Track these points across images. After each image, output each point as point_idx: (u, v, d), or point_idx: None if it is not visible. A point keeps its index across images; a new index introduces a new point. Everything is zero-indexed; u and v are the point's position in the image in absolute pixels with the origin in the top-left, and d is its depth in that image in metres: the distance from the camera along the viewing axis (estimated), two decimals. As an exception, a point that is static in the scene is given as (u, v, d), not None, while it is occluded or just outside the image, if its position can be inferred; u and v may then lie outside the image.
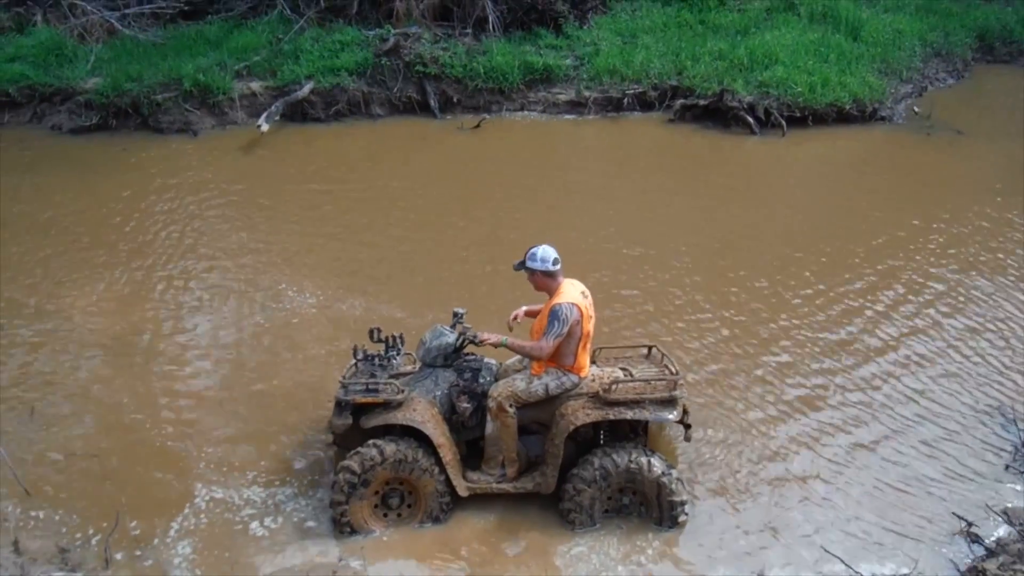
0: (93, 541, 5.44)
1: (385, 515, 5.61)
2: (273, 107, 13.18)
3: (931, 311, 8.14)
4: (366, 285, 8.61)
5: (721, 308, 8.18)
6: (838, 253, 9.22)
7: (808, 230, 9.87)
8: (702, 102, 13.48)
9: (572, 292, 5.52)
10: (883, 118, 13.60)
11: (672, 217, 10.29)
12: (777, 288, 8.52)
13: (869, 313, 8.10)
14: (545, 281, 5.56)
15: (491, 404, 5.53)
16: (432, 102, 13.84)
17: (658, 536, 5.51)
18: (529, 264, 5.52)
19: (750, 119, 13.06)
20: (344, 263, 9.11)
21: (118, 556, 5.34)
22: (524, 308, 5.93)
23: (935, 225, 9.90)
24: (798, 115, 13.23)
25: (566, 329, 5.37)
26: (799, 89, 13.29)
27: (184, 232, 9.81)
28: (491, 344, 5.56)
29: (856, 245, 9.39)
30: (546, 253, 5.50)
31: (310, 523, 5.65)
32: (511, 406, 5.51)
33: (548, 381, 5.56)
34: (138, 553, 5.38)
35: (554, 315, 5.37)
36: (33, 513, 5.68)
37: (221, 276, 8.83)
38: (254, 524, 5.65)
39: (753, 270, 8.86)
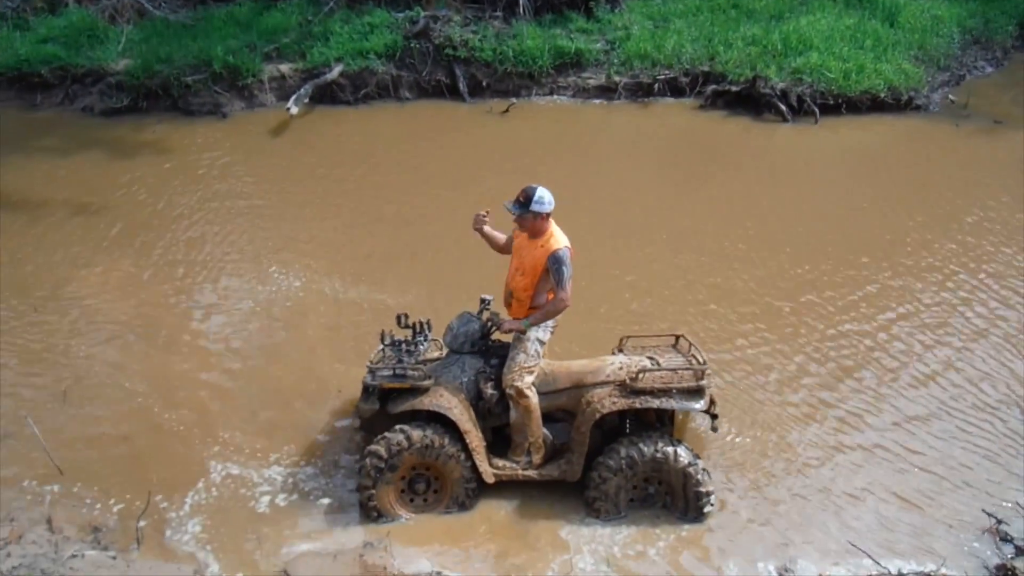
0: (124, 519, 5.51)
1: (411, 500, 5.63)
2: (302, 90, 13.20)
3: (961, 305, 8.01)
4: (387, 270, 8.64)
5: (749, 298, 8.10)
6: (867, 245, 9.08)
7: (837, 221, 9.73)
8: (734, 88, 13.31)
9: (563, 235, 5.48)
10: (918, 107, 13.34)
11: (700, 205, 10.19)
12: (806, 280, 8.43)
13: (899, 307, 7.99)
14: (543, 224, 5.46)
15: (509, 391, 5.52)
16: (461, 86, 13.79)
17: (683, 526, 5.49)
18: (536, 208, 5.35)
19: (782, 106, 12.88)
20: (366, 248, 9.16)
21: (148, 534, 5.40)
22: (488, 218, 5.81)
23: (967, 217, 9.71)
24: (831, 102, 13.02)
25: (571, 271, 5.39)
26: (833, 76, 13.09)
27: (208, 216, 9.87)
28: (513, 330, 5.56)
29: (887, 237, 9.24)
30: (550, 195, 5.39)
31: (336, 507, 5.69)
32: (529, 385, 5.50)
33: (537, 335, 5.53)
34: (168, 532, 5.45)
35: (560, 261, 5.36)
36: (66, 492, 5.77)
37: (242, 261, 8.89)
38: (281, 506, 5.69)
39: (781, 261, 8.76)
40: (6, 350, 7.35)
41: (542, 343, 5.57)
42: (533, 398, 5.53)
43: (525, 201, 5.35)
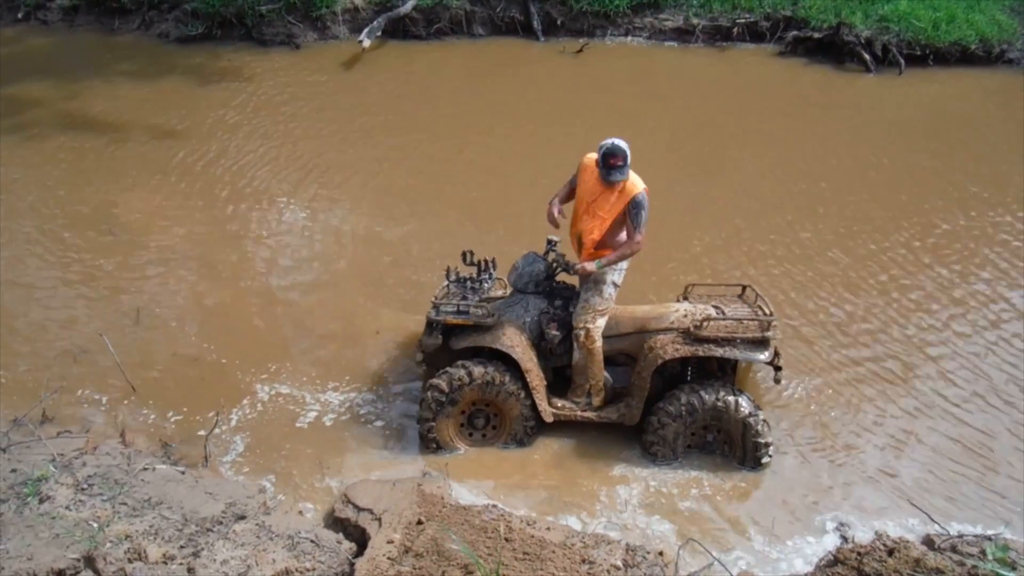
0: (191, 437, 5.71)
1: (470, 434, 5.71)
2: (375, 22, 13.16)
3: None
4: (448, 209, 8.65)
5: (818, 253, 7.93)
6: (938, 208, 8.78)
7: (910, 180, 9.39)
8: (816, 35, 12.88)
9: (639, 179, 5.34)
10: (1010, 61, 12.75)
11: (774, 157, 9.93)
12: (872, 238, 8.19)
13: (962, 268, 7.74)
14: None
15: (579, 332, 5.52)
16: (535, 23, 13.58)
17: (737, 476, 5.47)
18: (626, 170, 5.22)
19: (867, 55, 12.42)
20: (428, 185, 9.17)
21: (214, 452, 5.59)
22: (556, 202, 5.59)
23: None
24: (918, 53, 12.52)
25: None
26: (922, 25, 12.55)
27: (272, 148, 9.98)
28: (588, 271, 5.48)
29: (957, 203, 8.90)
30: (626, 146, 5.23)
31: (395, 437, 5.81)
32: (599, 328, 5.50)
33: (612, 279, 5.50)
34: (232, 452, 5.64)
35: (640, 206, 5.28)
36: (138, 408, 6.00)
37: (301, 194, 8.97)
38: (342, 435, 5.83)
39: (852, 219, 8.52)
40: (83, 271, 7.61)
41: (616, 286, 5.54)
42: (599, 341, 5.54)
43: (625, 162, 5.19)
